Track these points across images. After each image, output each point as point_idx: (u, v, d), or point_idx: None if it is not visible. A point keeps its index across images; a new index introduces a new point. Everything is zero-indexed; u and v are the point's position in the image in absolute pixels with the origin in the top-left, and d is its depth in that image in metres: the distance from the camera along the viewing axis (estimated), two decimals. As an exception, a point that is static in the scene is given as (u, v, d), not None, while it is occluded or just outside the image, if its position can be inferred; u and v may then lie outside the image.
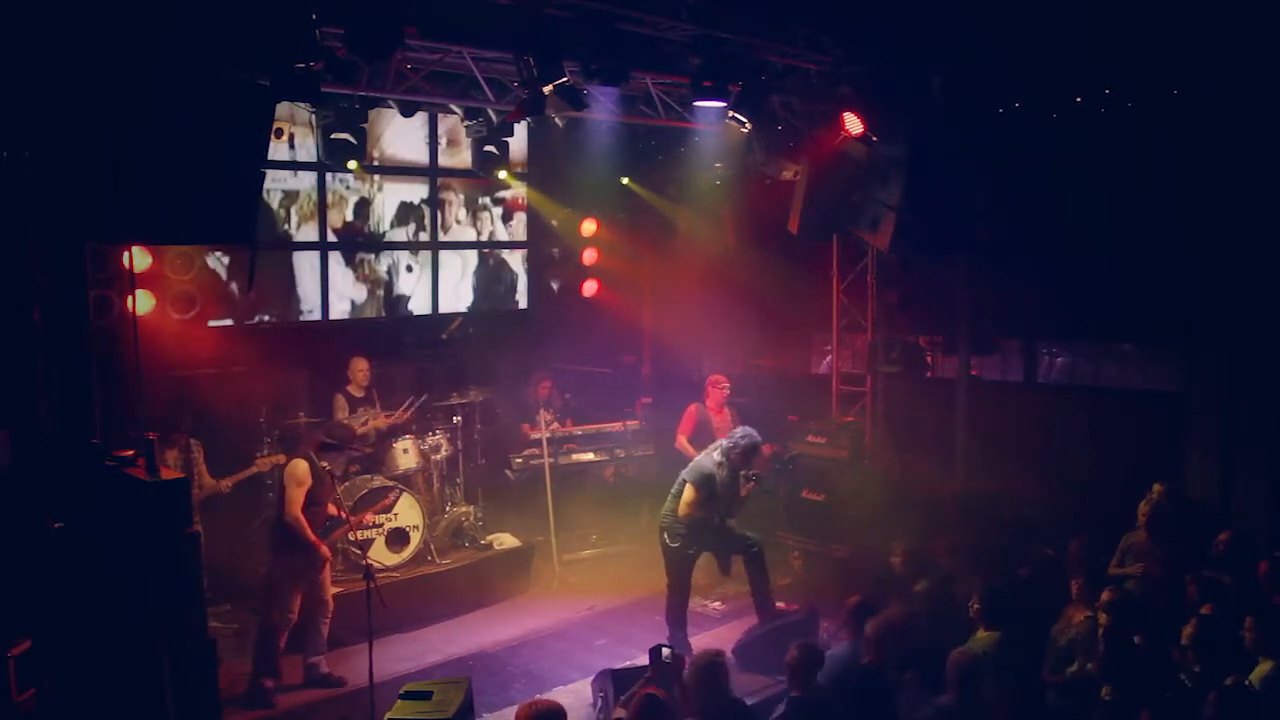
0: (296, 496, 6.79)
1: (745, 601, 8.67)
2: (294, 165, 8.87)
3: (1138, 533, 7.49)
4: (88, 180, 4.73)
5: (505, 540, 9.05)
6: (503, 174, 8.71)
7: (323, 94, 6.11)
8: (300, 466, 6.89)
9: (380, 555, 8.08)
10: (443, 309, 10.44)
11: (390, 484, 8.33)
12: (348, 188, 9.53)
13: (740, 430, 7.70)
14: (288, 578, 6.91)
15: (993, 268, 9.45)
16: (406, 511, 8.31)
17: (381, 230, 9.87)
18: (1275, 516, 7.83)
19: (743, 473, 7.60)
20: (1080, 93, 8.65)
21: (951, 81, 7.82)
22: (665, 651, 5.45)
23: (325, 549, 6.96)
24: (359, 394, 8.89)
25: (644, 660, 5.85)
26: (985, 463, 9.61)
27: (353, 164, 7.46)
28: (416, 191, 10.08)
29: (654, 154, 10.63)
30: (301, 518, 6.78)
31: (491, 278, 10.87)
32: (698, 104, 7.48)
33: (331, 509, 7.18)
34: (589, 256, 11.25)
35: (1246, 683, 5.04)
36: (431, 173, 10.12)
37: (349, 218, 9.63)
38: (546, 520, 9.23)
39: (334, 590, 7.68)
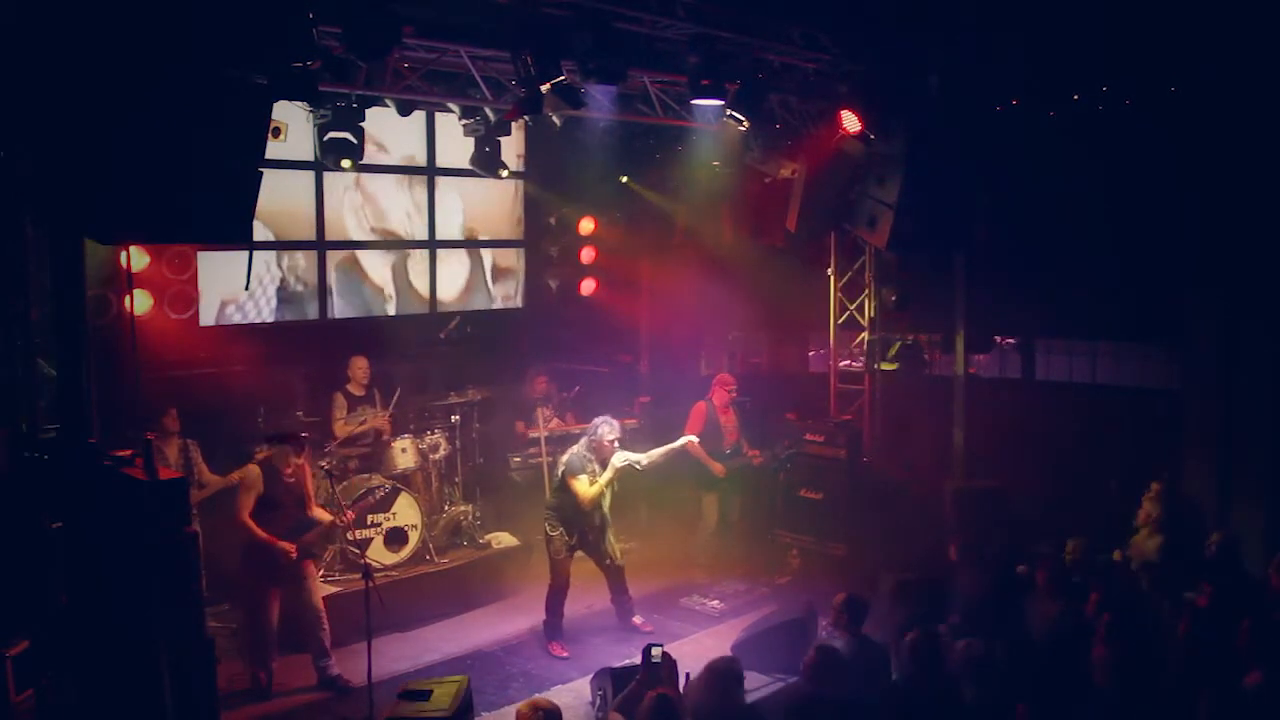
0: (244, 502, 6.83)
1: (745, 600, 8.71)
2: (291, 164, 8.85)
3: (1140, 533, 7.48)
4: (85, 179, 4.73)
5: (503, 539, 9.06)
6: (504, 173, 8.72)
7: (320, 93, 6.10)
8: (250, 472, 6.92)
9: (379, 554, 8.08)
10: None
11: (389, 483, 8.34)
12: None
13: (599, 422, 7.68)
14: (256, 579, 6.92)
15: (990, 265, 9.46)
16: (405, 511, 8.31)
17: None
18: (1273, 516, 7.84)
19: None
20: (1078, 90, 8.66)
21: (949, 79, 7.82)
22: (656, 651, 5.45)
23: (287, 546, 6.83)
24: (359, 393, 8.89)
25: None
26: (983, 461, 9.63)
27: (346, 163, 7.45)
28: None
29: (652, 152, 10.63)
30: (248, 521, 6.79)
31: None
32: (695, 102, 7.47)
33: (321, 512, 7.17)
34: (587, 255, 11.24)
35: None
36: (430, 172, 10.12)
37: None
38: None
39: (332, 590, 7.71)
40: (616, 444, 7.61)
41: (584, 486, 7.54)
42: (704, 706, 4.99)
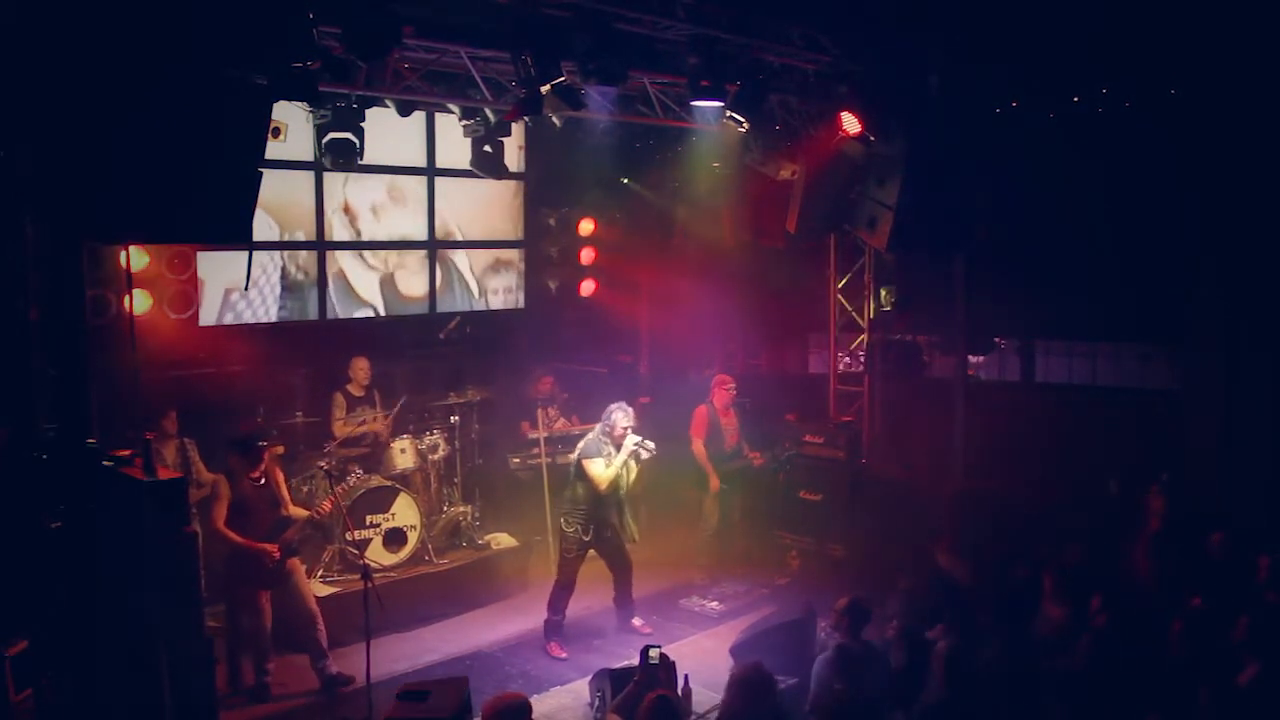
0: (217, 511, 6.85)
1: (744, 601, 8.70)
2: (292, 164, 8.85)
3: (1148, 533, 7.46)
4: (84, 179, 4.73)
5: (503, 540, 9.05)
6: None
7: (320, 93, 6.10)
8: (219, 481, 6.95)
9: (378, 555, 8.08)
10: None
11: (389, 483, 8.34)
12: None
13: (614, 408, 7.73)
14: (244, 584, 6.91)
15: (990, 267, 9.47)
16: (404, 511, 8.31)
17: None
18: (1273, 515, 7.83)
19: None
20: (1078, 92, 8.67)
21: (949, 81, 7.82)
22: (654, 652, 5.44)
23: (268, 547, 6.83)
24: (359, 393, 8.91)
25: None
26: (983, 462, 9.62)
27: (341, 162, 7.44)
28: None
29: (652, 153, 10.63)
30: (225, 530, 6.81)
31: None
32: (695, 103, 7.47)
33: (298, 510, 7.17)
34: (587, 256, 11.23)
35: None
36: (430, 172, 10.12)
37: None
38: (544, 520, 9.23)
39: (331, 590, 7.71)
40: (629, 430, 7.62)
41: (599, 469, 7.57)
42: (735, 713, 4.95)
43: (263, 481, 6.98)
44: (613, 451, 7.63)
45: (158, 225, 5.06)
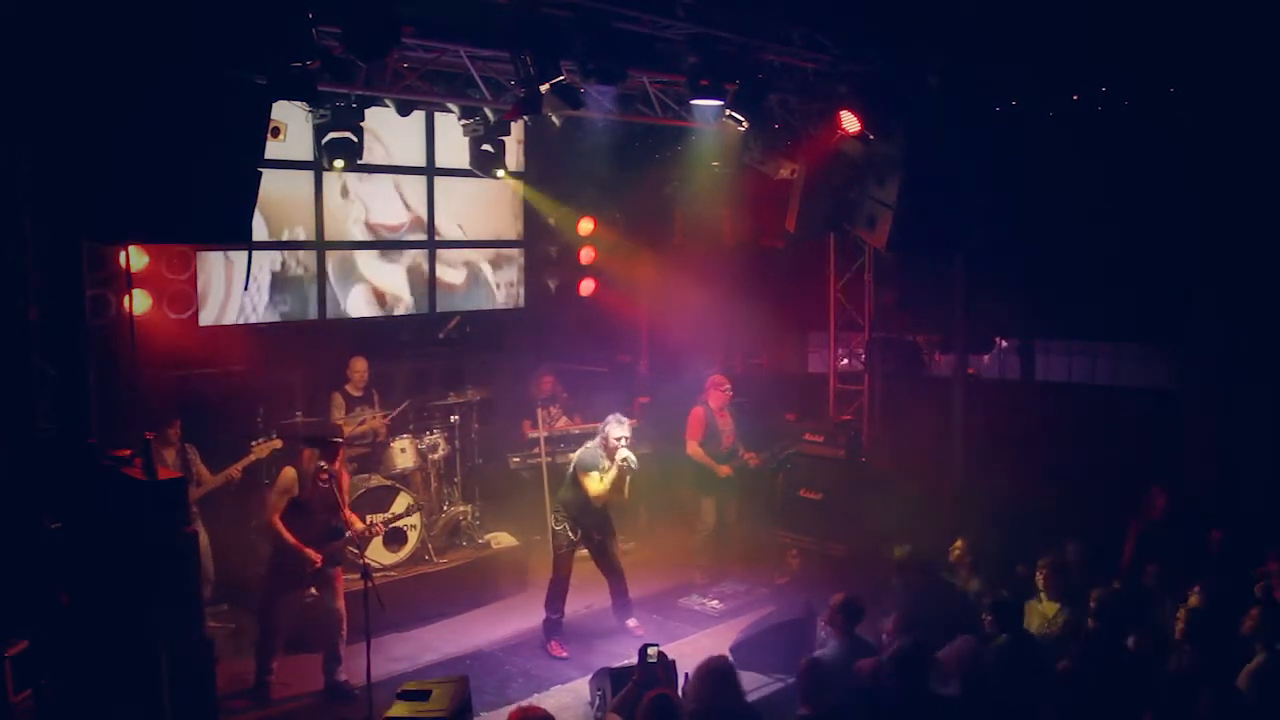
0: (276, 503, 6.79)
1: (744, 600, 8.71)
2: (291, 164, 8.85)
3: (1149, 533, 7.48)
4: (84, 178, 4.74)
5: (503, 539, 9.06)
6: (500, 173, 8.71)
7: (319, 93, 6.10)
8: (287, 474, 6.88)
9: (378, 554, 8.07)
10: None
11: (389, 482, 8.34)
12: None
13: (610, 419, 7.68)
14: (275, 582, 6.89)
15: (990, 266, 9.46)
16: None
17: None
18: (1273, 515, 7.84)
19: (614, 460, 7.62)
20: (1077, 91, 8.67)
21: (949, 80, 7.82)
22: (652, 651, 5.45)
23: (313, 554, 6.75)
24: (357, 393, 8.90)
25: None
26: (982, 461, 9.62)
27: (339, 163, 7.43)
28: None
29: (651, 152, 10.62)
30: (278, 524, 6.74)
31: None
32: (695, 102, 7.46)
33: (353, 519, 7.13)
34: (586, 255, 11.23)
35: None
36: (430, 172, 10.12)
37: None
38: (544, 520, 9.23)
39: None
40: (621, 441, 7.59)
41: (595, 484, 7.58)
42: (702, 708, 4.97)
43: (327, 484, 6.87)
44: (607, 464, 7.62)
45: (158, 225, 5.07)
